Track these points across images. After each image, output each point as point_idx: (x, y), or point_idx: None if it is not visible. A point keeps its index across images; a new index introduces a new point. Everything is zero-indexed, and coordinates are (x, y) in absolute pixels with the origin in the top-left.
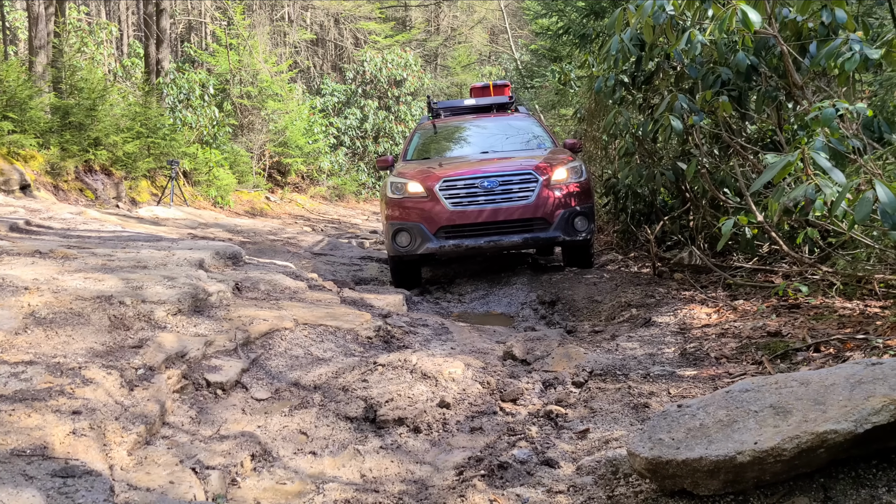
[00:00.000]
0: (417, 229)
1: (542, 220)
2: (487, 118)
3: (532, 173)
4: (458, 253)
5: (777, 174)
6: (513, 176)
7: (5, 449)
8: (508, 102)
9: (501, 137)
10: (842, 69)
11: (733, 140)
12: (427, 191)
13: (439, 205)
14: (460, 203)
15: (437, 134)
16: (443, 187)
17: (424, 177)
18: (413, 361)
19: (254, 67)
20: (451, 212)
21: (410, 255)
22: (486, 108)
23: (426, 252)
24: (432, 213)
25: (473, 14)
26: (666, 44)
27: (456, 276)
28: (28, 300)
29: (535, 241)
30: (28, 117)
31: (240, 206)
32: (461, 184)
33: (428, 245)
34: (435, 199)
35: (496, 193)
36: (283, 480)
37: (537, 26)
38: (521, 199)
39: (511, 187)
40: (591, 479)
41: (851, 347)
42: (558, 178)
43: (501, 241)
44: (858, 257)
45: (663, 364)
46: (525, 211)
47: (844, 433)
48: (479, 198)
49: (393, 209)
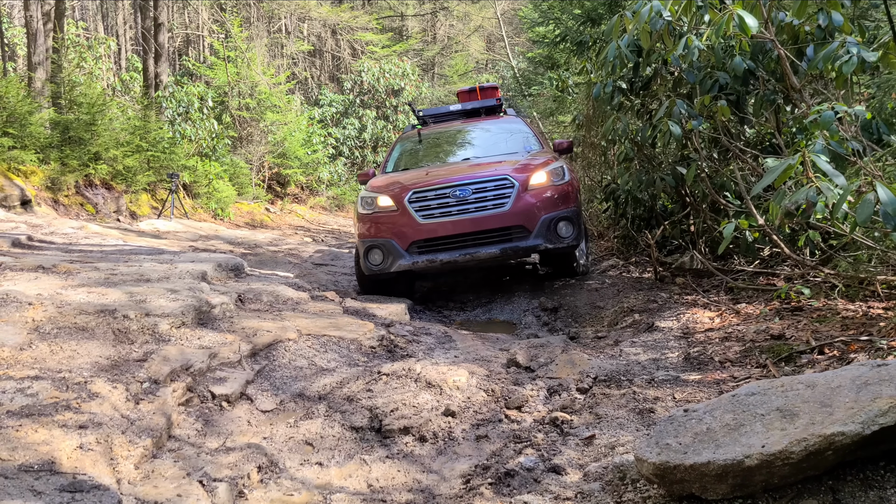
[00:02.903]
0: (389, 246)
1: (520, 227)
2: (474, 123)
3: (508, 178)
4: (434, 269)
5: (778, 177)
6: (487, 183)
7: (13, 464)
8: (497, 105)
9: (486, 142)
10: (839, 72)
11: (732, 144)
12: (397, 204)
13: (410, 218)
14: (431, 215)
15: (420, 143)
16: (412, 199)
17: (394, 189)
18: (417, 370)
19: (252, 79)
20: (422, 225)
21: (386, 274)
22: (475, 113)
23: (400, 269)
24: (403, 227)
25: (470, 23)
26: (663, 49)
27: (458, 283)
28: (32, 315)
29: (515, 250)
30: (28, 133)
31: (240, 217)
32: (431, 194)
33: (400, 262)
34: (405, 213)
35: (469, 202)
36: (291, 492)
37: (534, 34)
38: (497, 206)
39: (485, 195)
40: (599, 486)
41: (855, 349)
42: (537, 181)
43: (478, 252)
44: (860, 259)
45: (667, 369)
46: (502, 219)
47: (852, 435)
48: (451, 208)
49: (364, 225)
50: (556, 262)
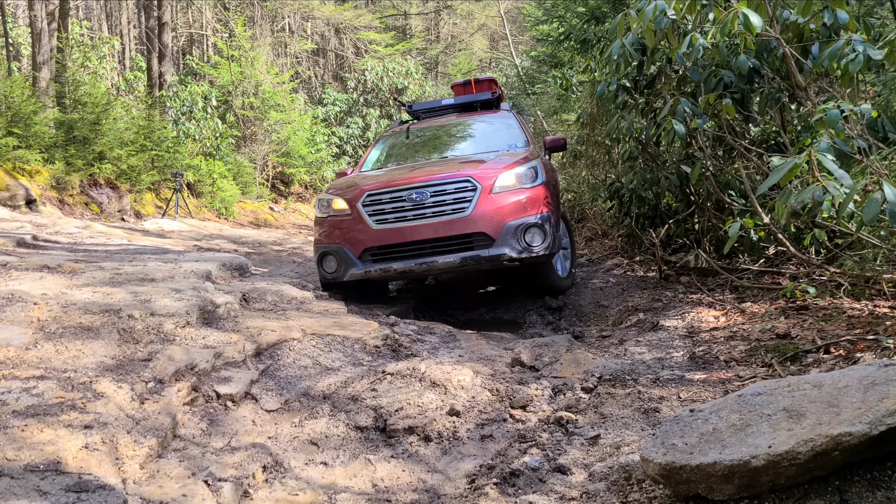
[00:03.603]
0: (342, 253)
1: (482, 235)
2: (461, 118)
3: (470, 180)
4: (389, 278)
5: (784, 176)
6: (446, 185)
7: (19, 464)
8: (493, 99)
9: (469, 139)
10: (845, 70)
11: (737, 142)
12: (351, 208)
13: (363, 224)
14: (385, 220)
15: (408, 138)
16: (366, 202)
17: (351, 192)
18: (422, 370)
19: (256, 79)
20: (375, 231)
21: (339, 283)
22: (470, 107)
23: (352, 279)
24: (356, 233)
25: (473, 21)
26: (668, 48)
27: (461, 283)
28: (37, 315)
29: (477, 260)
30: (33, 132)
31: (244, 216)
32: (386, 197)
33: (352, 271)
34: (359, 217)
35: (427, 207)
36: (296, 491)
37: (538, 32)
38: (456, 211)
39: (444, 198)
40: (604, 486)
41: (862, 348)
42: (504, 183)
43: (436, 262)
44: (866, 258)
45: (672, 368)
46: (462, 225)
47: (859, 435)
48: (407, 213)
49: (319, 229)
50: (529, 276)
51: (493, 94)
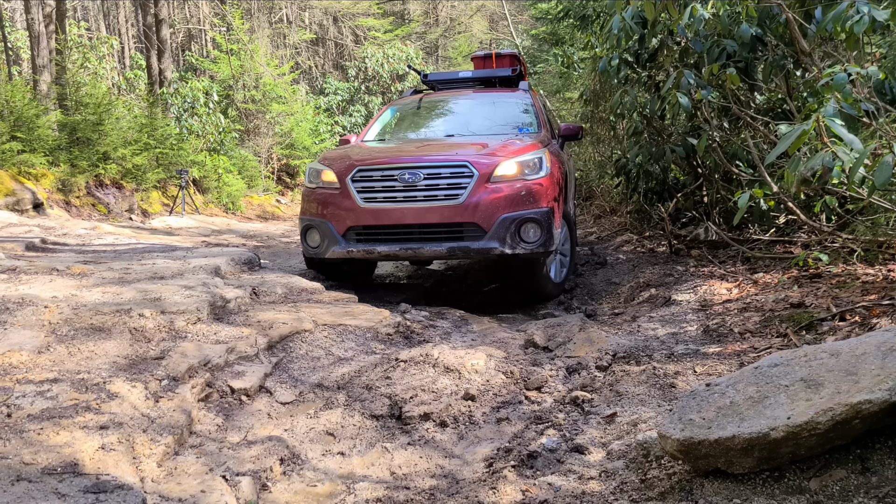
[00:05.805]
0: (325, 228)
1: (473, 225)
2: (476, 94)
3: (467, 166)
4: (372, 259)
5: (792, 144)
6: (441, 168)
7: (37, 468)
8: (514, 77)
9: (480, 118)
10: (850, 32)
11: (743, 112)
12: (340, 181)
13: (350, 200)
14: (374, 199)
15: (418, 109)
16: (356, 178)
17: (343, 164)
18: (435, 355)
19: (256, 71)
20: (362, 209)
21: (321, 259)
22: (488, 82)
23: (334, 256)
24: (342, 209)
25: (472, 2)
26: (668, 20)
27: (471, 265)
28: (49, 318)
29: (466, 251)
30: (36, 136)
31: (251, 210)
32: (377, 175)
33: (335, 248)
34: (346, 193)
35: (418, 189)
36: (314, 483)
37: (537, 11)
38: (449, 197)
39: (438, 182)
40: (623, 464)
41: (878, 314)
42: (504, 172)
43: (422, 249)
44: (878, 222)
45: (686, 342)
46: (453, 213)
47: (879, 402)
48: (397, 193)
49: (305, 200)
50: (519, 274)
51: (514, 70)
